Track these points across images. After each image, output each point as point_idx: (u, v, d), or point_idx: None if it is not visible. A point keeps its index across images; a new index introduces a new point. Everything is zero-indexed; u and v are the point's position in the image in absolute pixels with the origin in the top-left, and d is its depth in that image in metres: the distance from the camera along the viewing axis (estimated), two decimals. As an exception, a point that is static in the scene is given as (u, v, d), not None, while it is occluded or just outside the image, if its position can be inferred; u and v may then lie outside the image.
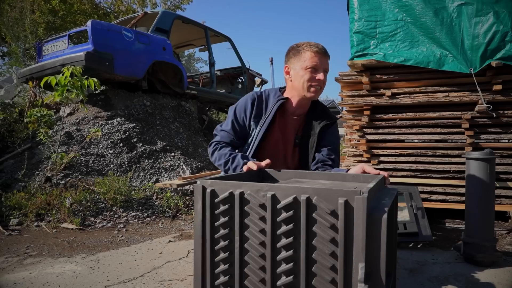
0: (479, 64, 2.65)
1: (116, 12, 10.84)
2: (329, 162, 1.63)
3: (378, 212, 0.94)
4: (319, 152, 1.66)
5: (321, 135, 1.67)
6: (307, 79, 1.58)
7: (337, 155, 1.69)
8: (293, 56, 1.63)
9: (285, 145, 1.71)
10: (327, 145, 1.67)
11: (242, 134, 1.69)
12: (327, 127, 1.69)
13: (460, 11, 2.73)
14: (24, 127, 4.07)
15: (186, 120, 5.20)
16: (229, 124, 1.68)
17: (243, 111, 1.68)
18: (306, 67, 1.57)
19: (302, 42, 1.63)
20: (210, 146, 1.68)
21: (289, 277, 1.02)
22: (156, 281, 1.77)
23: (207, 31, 5.98)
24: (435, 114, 2.87)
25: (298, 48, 1.62)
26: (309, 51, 1.58)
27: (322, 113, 1.71)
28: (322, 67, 1.58)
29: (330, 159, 1.64)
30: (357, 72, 3.05)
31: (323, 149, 1.66)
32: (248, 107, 1.67)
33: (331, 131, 1.70)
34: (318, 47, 1.58)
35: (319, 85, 1.59)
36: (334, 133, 1.72)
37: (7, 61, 10.54)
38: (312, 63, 1.57)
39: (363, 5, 3.03)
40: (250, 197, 1.06)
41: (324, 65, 1.59)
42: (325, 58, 1.59)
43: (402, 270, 1.88)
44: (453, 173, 2.84)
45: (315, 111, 1.72)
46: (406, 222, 2.28)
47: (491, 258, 1.91)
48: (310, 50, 1.58)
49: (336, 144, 1.71)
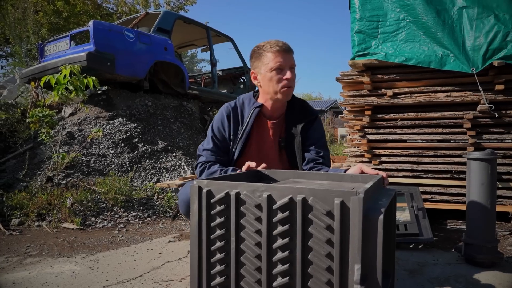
0: (481, 64, 2.63)
1: (120, 12, 10.87)
2: (320, 160, 1.60)
3: (375, 213, 0.93)
4: (307, 151, 1.62)
5: (305, 133, 1.63)
6: (275, 80, 1.54)
7: (326, 149, 1.65)
8: (256, 60, 1.59)
9: (268, 150, 1.67)
10: (314, 143, 1.63)
11: (226, 149, 1.65)
12: (309, 124, 1.65)
13: (461, 13, 2.72)
14: (26, 127, 4.08)
15: (188, 120, 5.20)
16: (210, 142, 1.64)
17: (220, 126, 1.65)
18: (271, 69, 1.53)
19: (262, 43, 1.58)
20: (197, 167, 1.63)
21: (285, 278, 1.01)
22: (155, 281, 1.77)
23: (208, 31, 5.98)
24: (436, 114, 2.86)
25: (259, 51, 1.57)
26: (270, 51, 1.53)
27: (302, 110, 1.67)
28: (288, 65, 1.53)
29: (320, 157, 1.60)
30: (358, 72, 3.04)
31: (311, 147, 1.62)
32: (224, 121, 1.64)
33: (314, 128, 1.66)
34: (279, 45, 1.53)
35: (289, 83, 1.54)
36: (318, 129, 1.67)
37: (10, 62, 10.60)
38: (276, 63, 1.52)
39: (364, 5, 3.02)
40: (246, 198, 1.05)
41: (289, 62, 1.54)
42: (288, 54, 1.54)
43: (402, 271, 1.86)
44: (454, 174, 2.82)
45: (294, 110, 1.67)
46: (407, 223, 2.26)
47: (492, 259, 1.89)
48: (271, 50, 1.53)
49: (322, 139, 1.67)
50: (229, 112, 1.65)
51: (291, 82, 1.55)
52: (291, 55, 1.56)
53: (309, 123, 1.65)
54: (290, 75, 1.53)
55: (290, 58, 1.56)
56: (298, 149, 1.63)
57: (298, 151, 1.63)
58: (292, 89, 1.57)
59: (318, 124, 1.69)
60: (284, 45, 1.55)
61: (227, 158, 1.66)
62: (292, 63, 1.56)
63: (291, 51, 1.57)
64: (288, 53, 1.54)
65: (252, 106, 1.64)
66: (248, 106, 1.65)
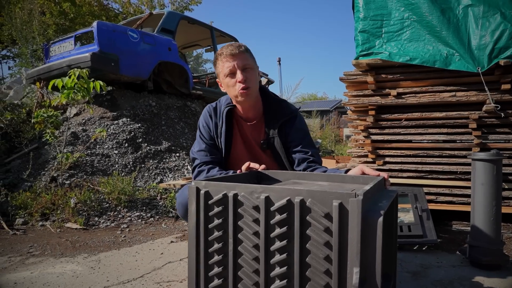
0: (486, 63, 2.59)
1: (125, 13, 10.93)
2: (311, 158, 1.57)
3: (374, 215, 0.91)
4: (294, 152, 1.60)
5: (287, 133, 1.61)
6: (231, 85, 1.54)
7: (313, 147, 1.62)
8: (215, 69, 1.60)
9: (251, 151, 1.67)
10: (299, 143, 1.60)
11: (216, 147, 1.65)
12: (289, 123, 1.63)
13: (466, 12, 2.69)
14: (31, 128, 4.11)
15: (192, 120, 5.21)
16: (201, 143, 1.65)
17: (205, 125, 1.66)
18: (225, 75, 1.54)
19: (218, 51, 1.57)
20: (194, 172, 1.62)
21: (283, 281, 0.99)
22: (156, 282, 1.76)
23: (213, 32, 5.98)
24: (441, 114, 2.82)
25: (215, 59, 1.58)
26: (220, 59, 1.54)
27: (278, 110, 1.65)
28: (239, 66, 1.51)
29: (310, 155, 1.58)
30: (362, 72, 3.01)
31: (297, 148, 1.59)
32: (208, 121, 1.65)
33: (296, 127, 1.63)
34: (227, 50, 1.52)
35: (245, 85, 1.51)
36: (300, 127, 1.64)
37: (17, 62, 10.70)
38: (227, 69, 1.52)
39: (368, 4, 2.99)
40: (244, 199, 1.04)
41: (240, 63, 1.51)
42: (237, 56, 1.51)
43: (405, 273, 1.84)
44: (460, 174, 2.78)
45: (270, 111, 1.65)
46: (410, 224, 2.24)
47: (497, 261, 1.86)
48: (220, 57, 1.54)
49: (306, 137, 1.63)
50: (211, 111, 1.67)
51: (245, 83, 1.52)
52: (242, 55, 1.52)
53: (289, 122, 1.63)
54: (241, 77, 1.51)
55: (241, 58, 1.52)
56: (280, 150, 1.61)
57: (281, 151, 1.61)
58: (250, 89, 1.54)
59: (300, 122, 1.66)
60: (232, 48, 1.52)
61: (221, 155, 1.65)
62: (243, 63, 1.52)
63: (243, 52, 1.53)
64: (237, 55, 1.51)
65: (225, 105, 1.65)
66: (223, 106, 1.66)
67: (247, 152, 1.67)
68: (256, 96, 1.62)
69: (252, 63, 1.57)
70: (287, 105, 1.69)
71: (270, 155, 1.66)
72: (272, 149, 1.64)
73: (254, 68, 1.58)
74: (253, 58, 1.60)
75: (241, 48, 1.54)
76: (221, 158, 1.65)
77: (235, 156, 1.66)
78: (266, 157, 1.67)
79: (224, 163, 1.65)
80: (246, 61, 1.53)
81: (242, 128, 1.67)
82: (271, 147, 1.63)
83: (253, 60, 1.59)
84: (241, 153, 1.66)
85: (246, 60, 1.54)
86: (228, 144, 1.62)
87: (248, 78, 1.53)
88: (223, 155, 1.63)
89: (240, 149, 1.66)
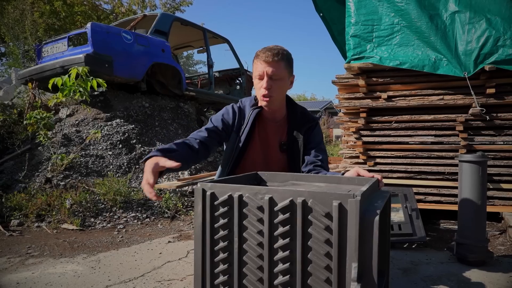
0: (472, 68, 2.70)
1: (116, 13, 10.87)
2: (319, 163, 1.66)
3: (371, 214, 0.98)
4: (308, 154, 1.70)
5: (306, 137, 1.71)
6: (257, 88, 1.61)
7: (325, 153, 1.73)
8: (252, 65, 1.66)
9: (266, 150, 1.74)
10: (314, 147, 1.70)
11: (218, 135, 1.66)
12: (310, 129, 1.73)
13: (454, 18, 2.80)
14: (24, 129, 4.10)
15: (185, 121, 5.24)
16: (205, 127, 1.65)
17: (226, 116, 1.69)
18: (255, 77, 1.61)
19: (258, 51, 1.61)
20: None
21: (286, 276, 1.06)
22: (157, 280, 1.81)
23: (205, 33, 6.02)
24: (430, 117, 2.93)
25: (254, 58, 1.63)
26: (256, 60, 1.59)
27: (303, 116, 1.75)
28: (267, 74, 1.55)
29: (319, 160, 1.67)
30: (354, 75, 3.10)
31: (311, 151, 1.69)
32: (230, 114, 1.69)
33: (315, 133, 1.74)
34: (265, 54, 1.55)
35: (267, 93, 1.58)
36: (318, 134, 1.76)
37: (5, 62, 10.54)
38: (258, 72, 1.57)
39: (360, 9, 3.08)
40: (248, 200, 1.10)
41: (268, 71, 1.55)
42: (269, 64, 1.55)
43: (396, 270, 1.92)
44: (447, 175, 2.89)
45: (296, 115, 1.74)
46: (401, 223, 2.33)
47: (482, 258, 1.96)
48: (257, 59, 1.59)
49: (321, 144, 1.75)
50: (235, 109, 1.72)
51: (268, 91, 1.57)
52: (275, 64, 1.55)
53: (310, 128, 1.73)
54: (265, 85, 1.56)
55: (273, 66, 1.55)
56: (300, 153, 1.70)
57: (300, 154, 1.70)
58: (272, 98, 1.59)
59: (318, 129, 1.78)
60: (269, 54, 1.54)
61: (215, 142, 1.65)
62: (273, 72, 1.55)
63: (277, 61, 1.55)
64: (269, 62, 1.54)
65: (251, 107, 1.71)
66: (249, 108, 1.72)
67: (262, 152, 1.74)
68: (279, 103, 1.68)
69: (282, 73, 1.59)
70: (310, 113, 1.80)
71: (285, 156, 1.74)
72: (291, 150, 1.72)
73: (284, 78, 1.61)
74: (289, 67, 1.63)
75: (277, 56, 1.55)
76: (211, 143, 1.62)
77: (250, 154, 1.72)
78: (280, 157, 1.75)
79: (238, 159, 1.71)
80: (277, 71, 1.56)
81: (264, 128, 1.73)
82: (289, 148, 1.72)
83: (287, 69, 1.62)
84: (256, 151, 1.73)
85: (277, 69, 1.56)
86: (246, 142, 1.69)
87: (273, 87, 1.58)
88: (239, 151, 1.68)
89: (255, 148, 1.73)
